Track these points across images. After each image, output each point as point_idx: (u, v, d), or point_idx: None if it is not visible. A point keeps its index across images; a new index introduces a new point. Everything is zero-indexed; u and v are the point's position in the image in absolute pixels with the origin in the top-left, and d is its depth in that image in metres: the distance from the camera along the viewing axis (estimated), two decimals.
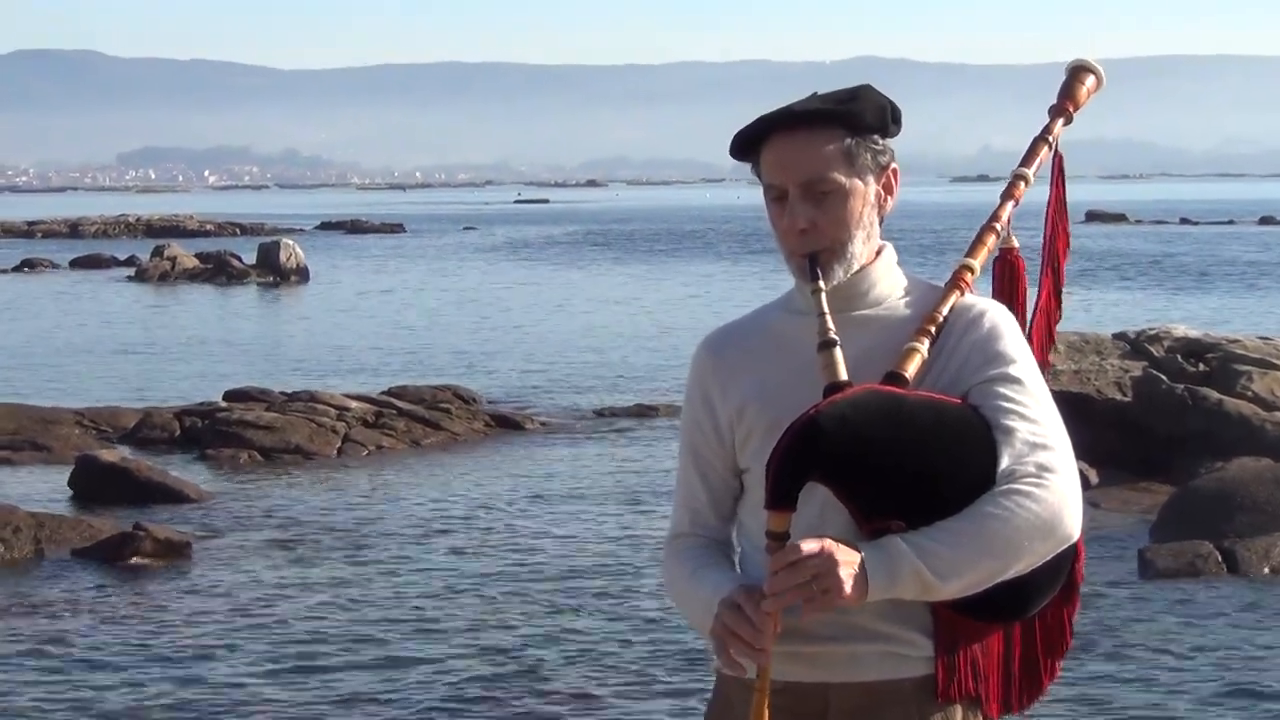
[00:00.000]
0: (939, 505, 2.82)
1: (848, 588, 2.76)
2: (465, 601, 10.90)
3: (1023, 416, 2.88)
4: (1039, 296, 3.26)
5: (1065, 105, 3.35)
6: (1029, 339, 3.14)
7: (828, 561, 2.76)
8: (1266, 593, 10.90)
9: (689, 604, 3.05)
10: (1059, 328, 3.36)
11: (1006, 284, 3.19)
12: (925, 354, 2.93)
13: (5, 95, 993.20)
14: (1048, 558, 2.86)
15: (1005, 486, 2.82)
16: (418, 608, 10.75)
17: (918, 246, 55.02)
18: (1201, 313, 32.04)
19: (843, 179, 2.98)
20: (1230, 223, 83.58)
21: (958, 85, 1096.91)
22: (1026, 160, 3.27)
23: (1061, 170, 3.33)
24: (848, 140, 2.98)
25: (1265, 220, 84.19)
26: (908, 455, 2.82)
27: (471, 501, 14.51)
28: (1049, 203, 3.30)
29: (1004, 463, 2.83)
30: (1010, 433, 2.85)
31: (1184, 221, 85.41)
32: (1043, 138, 3.30)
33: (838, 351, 2.90)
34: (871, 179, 3.02)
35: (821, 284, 2.95)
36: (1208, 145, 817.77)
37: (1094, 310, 31.97)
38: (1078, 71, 3.39)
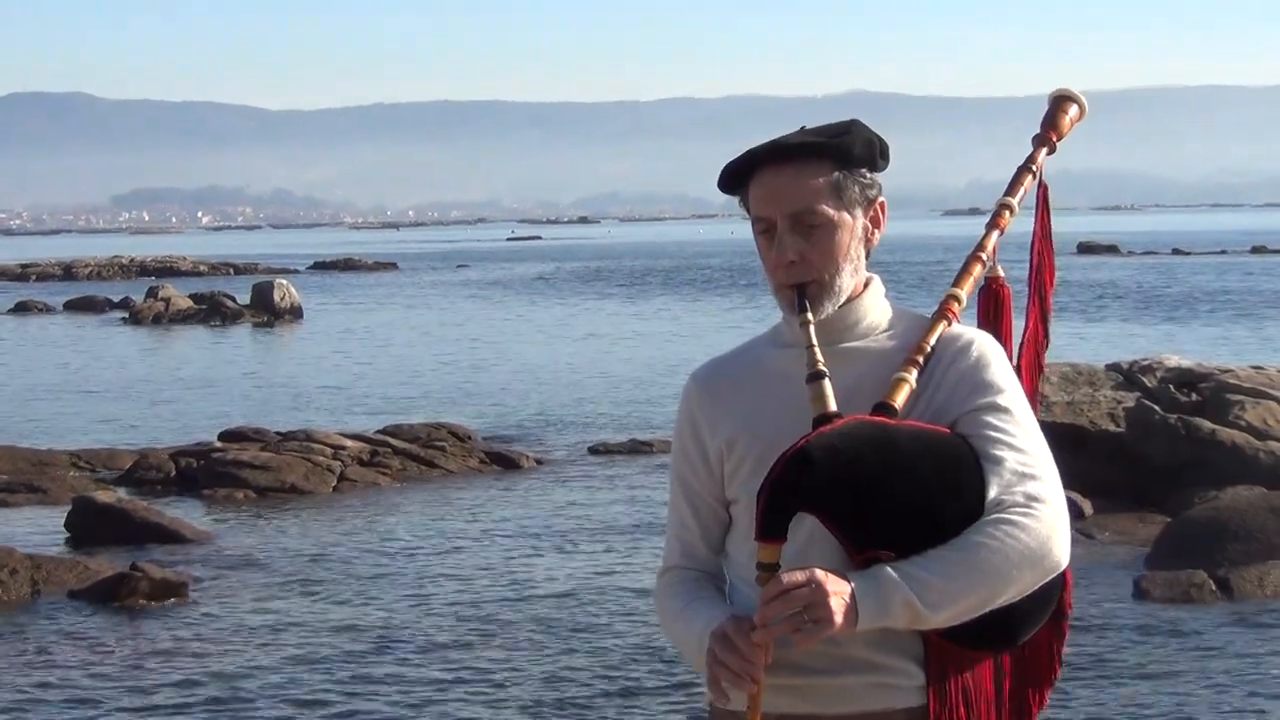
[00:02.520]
0: (928, 535, 2.83)
1: (838, 618, 2.77)
2: (463, 638, 10.89)
3: (1011, 446, 2.89)
4: (1026, 327, 3.27)
5: (1049, 134, 3.36)
6: (1017, 369, 3.15)
7: (818, 592, 2.77)
8: (1261, 619, 10.90)
9: (682, 640, 3.06)
10: (1048, 357, 3.38)
11: (992, 313, 3.19)
12: (913, 384, 2.94)
13: (1, 137, 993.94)
14: (1037, 586, 2.87)
15: (994, 516, 2.83)
16: (415, 645, 10.74)
17: (914, 278, 55.10)
18: (1194, 343, 32.05)
19: (831, 212, 2.99)
20: (1222, 252, 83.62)
21: (948, 119, 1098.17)
22: (1011, 190, 3.27)
23: (1046, 200, 3.33)
24: (836, 174, 3.00)
25: (1257, 250, 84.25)
26: (897, 485, 2.83)
27: (468, 539, 14.50)
28: (1034, 233, 3.31)
29: (993, 492, 2.85)
30: (999, 462, 2.87)
31: (1176, 252, 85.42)
32: (1026, 167, 3.30)
33: (827, 383, 2.91)
34: (859, 212, 3.03)
35: (810, 316, 2.96)
36: (1199, 176, 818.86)
37: (1087, 341, 31.96)
38: (1060, 101, 3.41)
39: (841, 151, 3.01)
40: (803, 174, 2.99)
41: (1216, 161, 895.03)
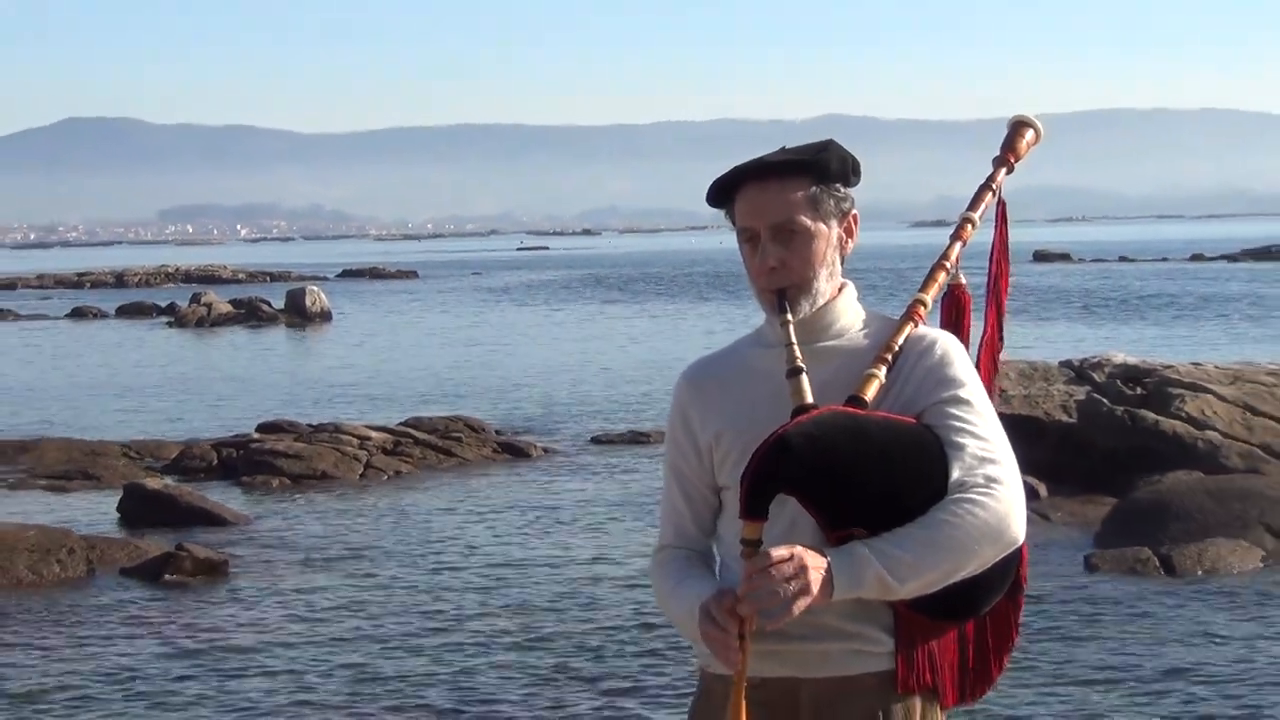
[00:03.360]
0: (897, 514, 2.84)
1: (815, 589, 2.78)
2: (479, 608, 10.90)
3: (971, 434, 2.90)
4: (985, 330, 3.27)
5: (1007, 156, 3.37)
6: (976, 365, 3.16)
7: (797, 567, 2.78)
8: (1199, 592, 10.91)
9: (675, 611, 3.06)
10: (1005, 355, 3.38)
11: (953, 316, 3.21)
12: (883, 379, 2.95)
13: (56, 159, 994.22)
14: (996, 560, 2.88)
15: (957, 496, 2.84)
16: (436, 614, 10.75)
17: (884, 284, 55.10)
18: (1139, 341, 32.05)
19: (808, 222, 3.00)
20: (1164, 260, 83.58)
21: (916, 139, 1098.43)
22: (973, 205, 3.29)
23: (1004, 215, 3.34)
24: (813, 188, 3.01)
25: (1195, 257, 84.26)
26: (868, 469, 2.84)
27: (482, 522, 14.51)
28: (994, 245, 3.32)
29: (955, 475, 2.85)
30: (960, 448, 2.87)
31: (1123, 259, 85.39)
32: (987, 185, 3.31)
33: (804, 378, 2.92)
34: (834, 223, 3.04)
35: (789, 317, 2.98)
36: (1144, 191, 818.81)
37: (1042, 341, 31.92)
38: (1018, 126, 3.42)
39: (818, 168, 3.02)
40: (783, 189, 3.00)
41: (1159, 178, 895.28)
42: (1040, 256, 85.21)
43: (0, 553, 12.14)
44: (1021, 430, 13.35)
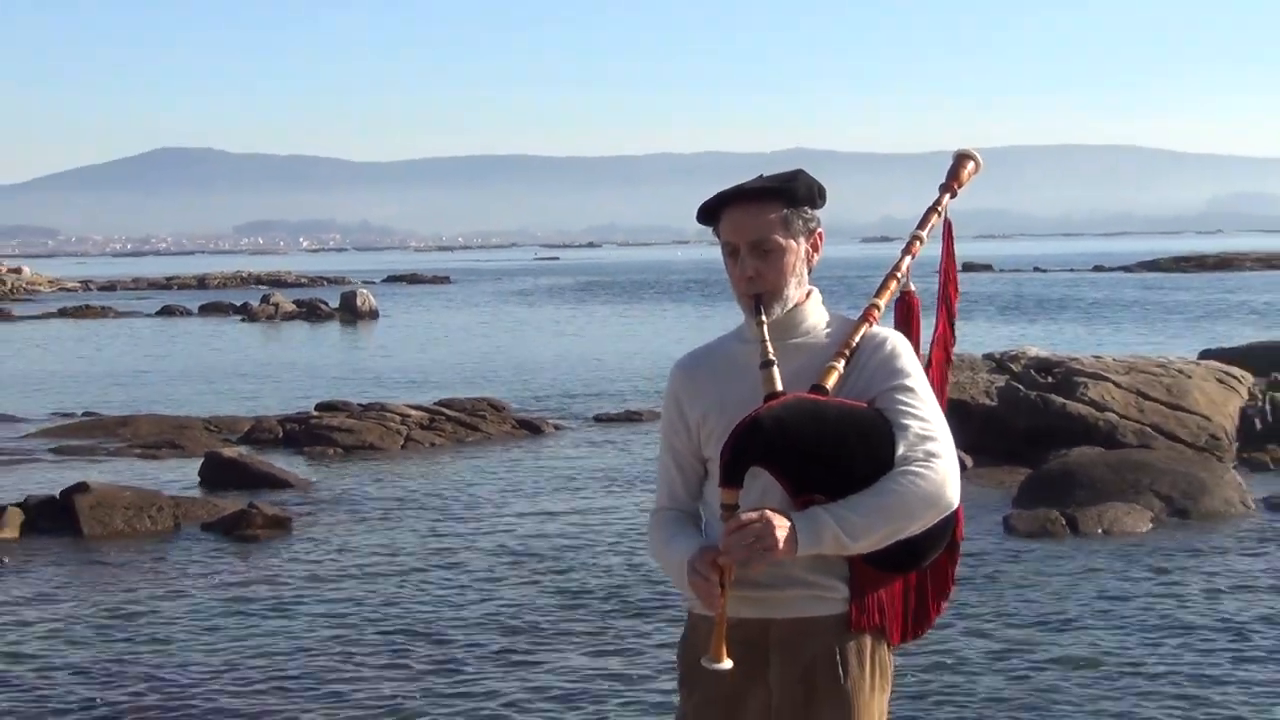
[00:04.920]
0: (852, 483, 2.84)
1: (782, 545, 2.78)
2: (503, 560, 10.90)
3: (915, 416, 2.90)
4: (936, 328, 3.27)
5: (952, 184, 3.37)
6: (931, 361, 3.16)
7: (767, 526, 2.78)
8: (1098, 548, 10.92)
9: (667, 563, 3.07)
10: (955, 350, 3.38)
11: (904, 318, 3.21)
12: (842, 371, 2.95)
13: (148, 182, 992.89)
14: (935, 522, 2.88)
15: (901, 468, 2.84)
16: (466, 564, 10.75)
17: (835, 290, 55.13)
18: (1049, 338, 32.07)
19: (781, 239, 3.00)
20: (1071, 270, 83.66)
21: (866, 169, 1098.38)
22: (921, 224, 3.29)
23: (951, 233, 3.34)
24: (784, 211, 3.01)
25: (1097, 268, 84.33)
26: (827, 446, 2.83)
27: (503, 485, 14.50)
28: (942, 257, 3.32)
29: (900, 450, 2.85)
30: (905, 428, 2.88)
31: (1036, 270, 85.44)
32: (933, 208, 3.31)
33: (775, 370, 2.93)
34: (802, 239, 3.04)
35: (764, 318, 2.98)
36: (1054, 213, 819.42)
37: (968, 337, 31.89)
38: (962, 158, 3.41)
39: (789, 194, 3.01)
40: (760, 211, 3.00)
41: (1067, 203, 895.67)
42: (967, 267, 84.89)
43: (102, 509, 12.15)
44: (951, 412, 13.31)
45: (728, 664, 2.88)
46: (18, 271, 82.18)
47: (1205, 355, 20.76)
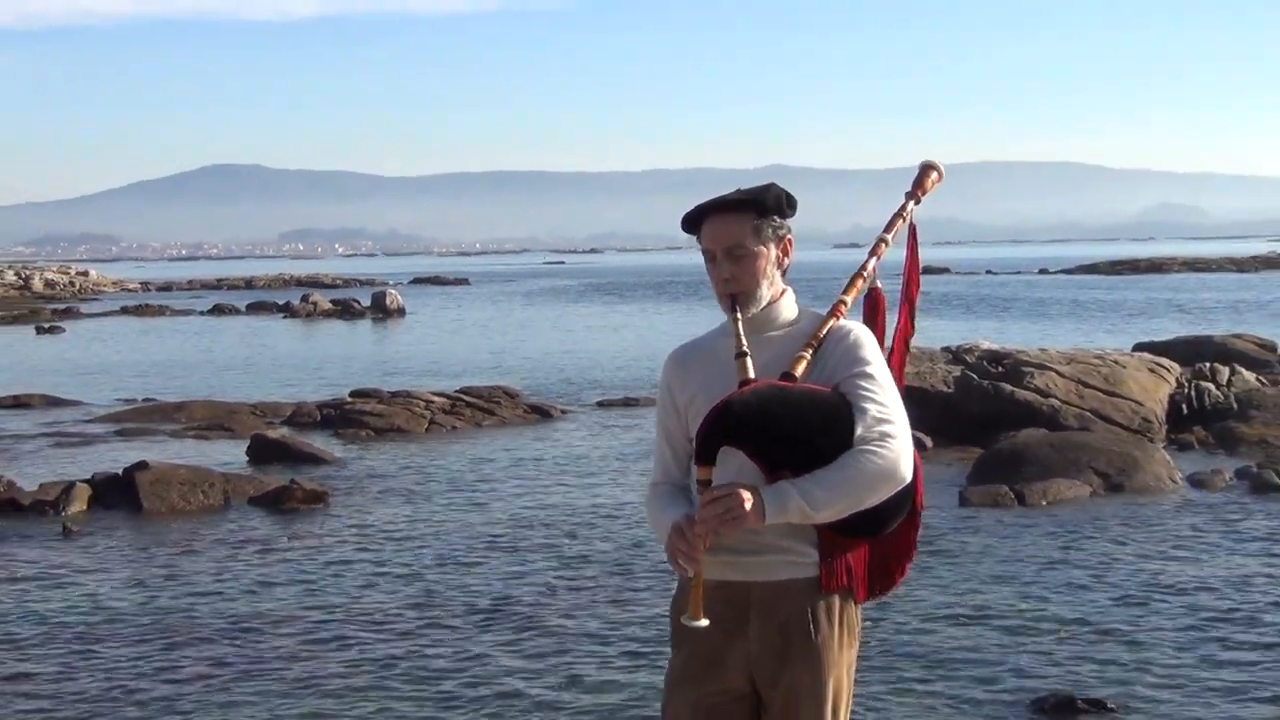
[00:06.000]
0: (816, 460, 2.84)
1: (751, 516, 2.79)
2: (514, 529, 10.90)
3: (873, 400, 2.89)
4: (899, 322, 3.27)
5: (916, 191, 3.35)
6: (893, 352, 3.16)
7: (736, 498, 2.79)
8: (1042, 518, 10.94)
9: (659, 529, 3.07)
10: (915, 342, 3.38)
11: (870, 313, 3.20)
12: (810, 359, 2.95)
13: (202, 195, 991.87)
14: (891, 495, 2.88)
15: (860, 447, 2.83)
16: (483, 533, 10.75)
17: (808, 290, 55.06)
18: (1000, 332, 32.06)
19: (752, 245, 3.00)
20: (1019, 273, 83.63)
21: (836, 183, 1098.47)
22: (887, 229, 3.27)
23: (915, 236, 3.33)
24: (756, 220, 3.00)
25: (1042, 271, 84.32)
26: (794, 426, 2.83)
27: (517, 462, 14.51)
28: (906, 259, 3.31)
29: (859, 431, 2.85)
30: (864, 411, 2.87)
31: (988, 273, 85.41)
32: (899, 214, 3.30)
33: (748, 360, 2.93)
34: (773, 245, 3.04)
35: (739, 315, 2.98)
36: (1004, 222, 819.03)
37: (927, 332, 31.91)
38: (926, 169, 3.39)
39: (760, 205, 3.01)
40: (735, 220, 3.00)
41: (1016, 213, 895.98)
42: (927, 270, 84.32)
43: (160, 485, 12.14)
44: (912, 398, 13.37)
45: (704, 622, 2.87)
46: (85, 274, 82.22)
47: (1138, 348, 20.76)
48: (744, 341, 2.94)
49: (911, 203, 3.32)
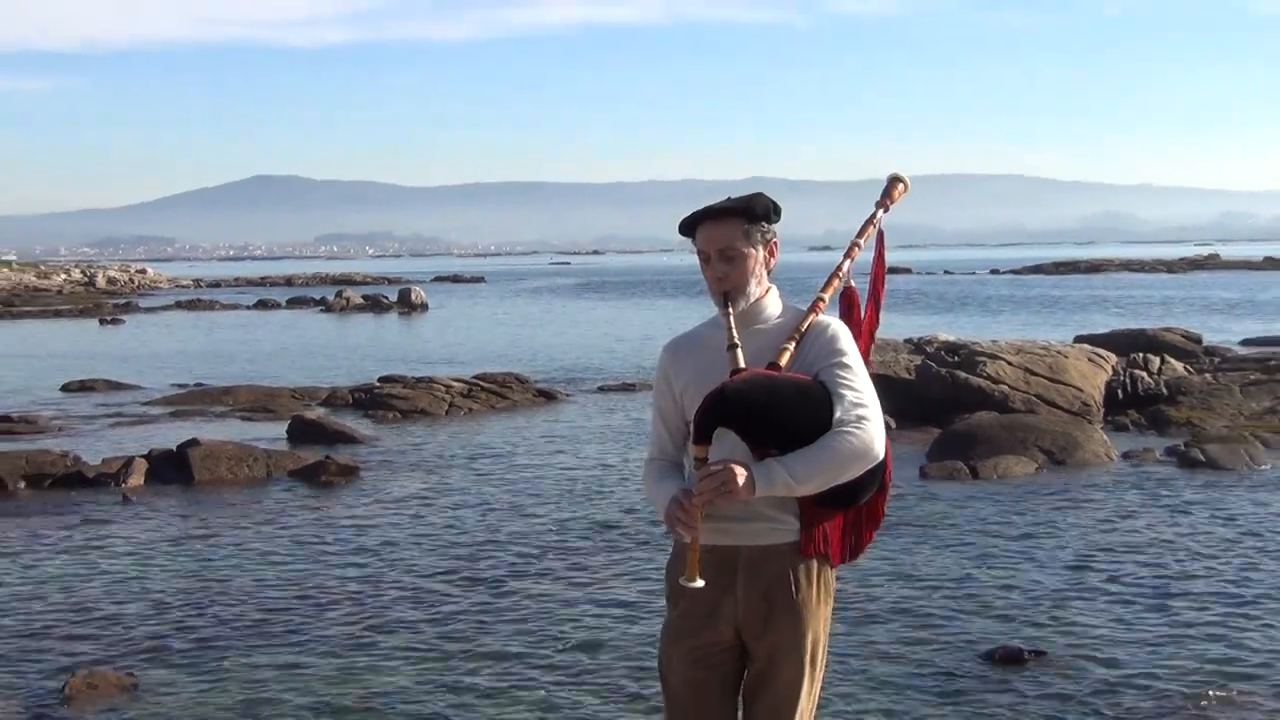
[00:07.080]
0: (799, 440, 2.83)
1: (743, 490, 2.79)
2: (524, 499, 10.90)
3: (849, 387, 2.89)
4: (865, 315, 3.26)
5: (885, 201, 3.34)
6: (860, 340, 3.15)
7: (729, 473, 2.79)
8: (994, 490, 10.94)
9: (655, 501, 3.06)
10: (879, 334, 3.37)
11: (844, 309, 3.19)
12: (793, 351, 2.94)
13: (247, 203, 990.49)
14: (866, 470, 2.87)
15: (838, 429, 2.83)
16: (499, 504, 10.75)
17: (787, 288, 54.96)
18: (956, 326, 32.08)
19: (743, 247, 2.99)
20: (973, 274, 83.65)
21: (812, 193, 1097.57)
22: (860, 234, 3.26)
23: (882, 241, 3.32)
24: (746, 225, 3.00)
25: (994, 272, 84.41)
26: (780, 411, 2.83)
27: (526, 441, 14.51)
28: (874, 261, 3.30)
29: (837, 414, 2.85)
30: (842, 397, 2.87)
31: (946, 273, 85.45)
32: (869, 221, 3.29)
33: (739, 350, 2.92)
34: (761, 248, 3.03)
35: (730, 310, 2.98)
36: (960, 227, 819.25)
37: (891, 325, 31.86)
38: (894, 181, 3.38)
39: (749, 211, 3.00)
40: (726, 225, 2.99)
41: (970, 219, 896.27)
42: (891, 270, 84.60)
43: (210, 460, 12.14)
44: (879, 384, 13.36)
45: (700, 583, 2.87)
46: (143, 272, 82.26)
47: (1079, 339, 20.78)
48: (735, 334, 2.94)
49: (881, 211, 3.32)
